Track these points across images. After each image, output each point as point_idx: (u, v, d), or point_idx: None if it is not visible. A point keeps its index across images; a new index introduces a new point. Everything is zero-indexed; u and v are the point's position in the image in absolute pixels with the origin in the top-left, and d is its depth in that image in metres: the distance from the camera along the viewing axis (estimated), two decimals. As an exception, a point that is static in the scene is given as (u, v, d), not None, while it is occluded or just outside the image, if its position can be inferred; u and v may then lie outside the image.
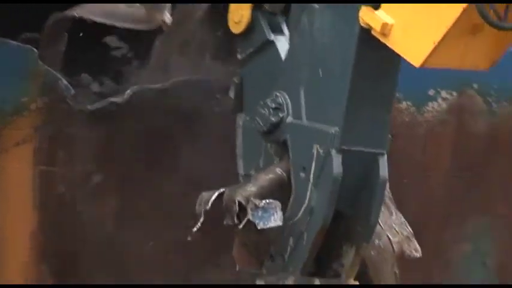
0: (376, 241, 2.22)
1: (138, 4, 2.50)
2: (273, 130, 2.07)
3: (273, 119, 2.04)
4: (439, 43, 1.68)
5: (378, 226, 2.16)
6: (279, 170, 2.03)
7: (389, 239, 2.26)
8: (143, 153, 2.52)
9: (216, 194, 2.00)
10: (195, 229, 1.95)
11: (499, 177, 3.02)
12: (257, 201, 1.90)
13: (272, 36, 2.12)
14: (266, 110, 2.07)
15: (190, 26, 2.48)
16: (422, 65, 1.72)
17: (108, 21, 2.48)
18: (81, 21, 2.46)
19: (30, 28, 2.55)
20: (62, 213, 2.50)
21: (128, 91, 2.41)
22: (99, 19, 2.44)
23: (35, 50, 2.34)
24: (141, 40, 2.60)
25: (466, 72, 2.69)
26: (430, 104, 2.84)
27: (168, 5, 2.48)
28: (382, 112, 2.00)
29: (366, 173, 1.99)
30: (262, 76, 2.17)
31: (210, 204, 1.97)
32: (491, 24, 1.64)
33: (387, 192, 2.14)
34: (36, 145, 2.44)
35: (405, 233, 2.32)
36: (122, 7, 2.52)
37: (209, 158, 2.47)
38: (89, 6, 2.46)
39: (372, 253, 2.21)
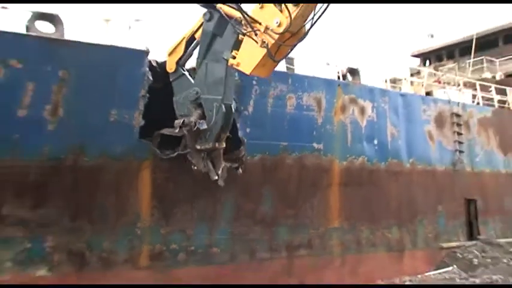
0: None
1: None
2: (195, 100, 6.46)
3: (196, 95, 6.45)
4: (255, 67, 5.46)
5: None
6: (200, 111, 6.40)
7: None
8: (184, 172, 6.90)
9: (182, 120, 6.41)
10: (176, 131, 6.41)
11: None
12: (199, 120, 6.36)
13: (184, 72, 6.63)
14: (192, 93, 6.43)
15: None
16: (250, 74, 5.55)
17: (169, 133, 6.84)
18: (163, 134, 6.94)
19: (148, 135, 6.87)
20: (179, 194, 7.03)
21: (176, 153, 6.86)
22: (168, 133, 6.86)
23: (151, 143, 6.92)
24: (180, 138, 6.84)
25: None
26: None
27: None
28: (231, 89, 6.42)
29: (230, 110, 6.38)
30: (183, 85, 6.49)
31: (181, 122, 6.38)
32: (272, 59, 5.46)
33: None
34: (150, 169, 6.93)
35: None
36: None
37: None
38: (164, 130, 6.83)
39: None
